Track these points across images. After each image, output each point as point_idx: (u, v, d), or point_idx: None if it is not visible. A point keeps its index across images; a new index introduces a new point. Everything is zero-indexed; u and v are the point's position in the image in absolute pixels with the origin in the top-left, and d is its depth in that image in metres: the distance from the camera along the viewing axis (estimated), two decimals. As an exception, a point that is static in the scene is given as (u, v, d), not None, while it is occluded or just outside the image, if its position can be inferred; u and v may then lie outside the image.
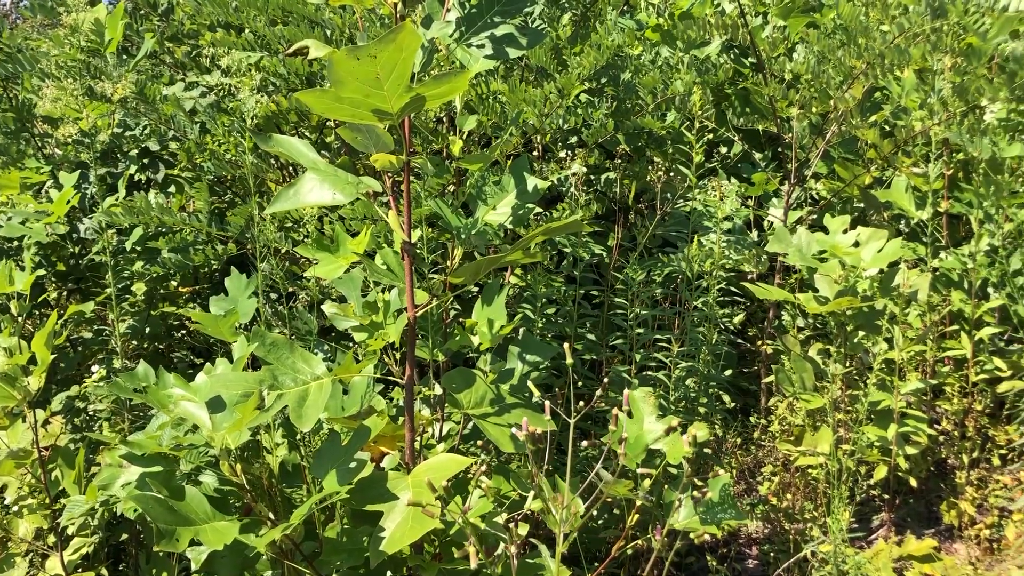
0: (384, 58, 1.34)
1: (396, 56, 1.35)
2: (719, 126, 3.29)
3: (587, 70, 2.33)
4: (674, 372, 2.07)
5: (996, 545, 2.29)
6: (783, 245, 2.41)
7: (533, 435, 1.58)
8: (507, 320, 1.90)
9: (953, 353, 2.48)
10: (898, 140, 2.61)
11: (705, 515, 1.62)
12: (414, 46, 1.35)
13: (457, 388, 1.79)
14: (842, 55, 2.52)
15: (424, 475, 1.56)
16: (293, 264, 2.61)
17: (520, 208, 2.00)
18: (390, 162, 1.60)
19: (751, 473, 2.67)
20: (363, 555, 1.62)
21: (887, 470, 2.32)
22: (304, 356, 1.66)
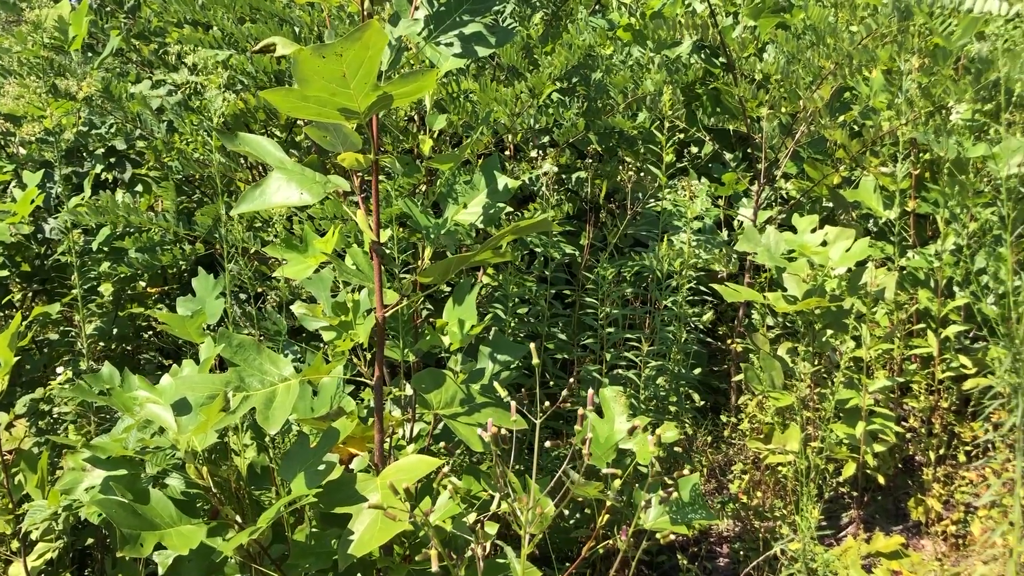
0: (350, 57, 1.33)
1: (362, 54, 1.34)
2: (690, 126, 3.30)
3: (558, 69, 2.33)
4: (644, 371, 2.07)
5: (962, 541, 2.31)
6: (752, 244, 2.42)
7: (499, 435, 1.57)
8: (478, 320, 1.89)
9: (920, 351, 2.51)
10: (866, 140, 2.64)
11: (675, 514, 1.62)
12: (380, 44, 1.34)
13: (427, 388, 1.78)
14: (811, 55, 2.53)
15: (393, 477, 1.55)
16: (263, 264, 2.58)
17: (491, 207, 1.99)
18: (358, 161, 1.59)
19: (722, 471, 2.68)
20: (332, 558, 1.61)
21: (856, 467, 2.34)
22: (271, 357, 1.64)
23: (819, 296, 2.28)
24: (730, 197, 3.25)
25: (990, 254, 2.58)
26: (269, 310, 2.40)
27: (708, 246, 2.87)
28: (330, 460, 1.60)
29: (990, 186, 2.58)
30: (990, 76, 2.37)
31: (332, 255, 1.92)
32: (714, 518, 1.60)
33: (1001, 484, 2.24)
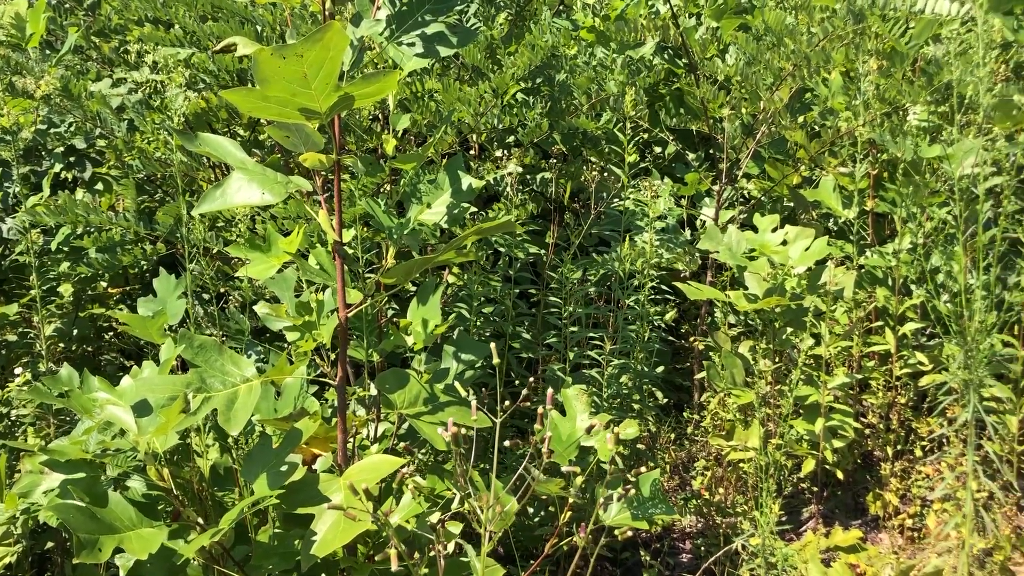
0: (311, 57, 1.33)
1: (323, 55, 1.34)
2: (653, 126, 3.33)
3: (521, 70, 2.34)
4: (607, 370, 2.09)
5: (918, 534, 2.36)
6: (714, 243, 2.45)
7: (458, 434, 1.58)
8: (442, 319, 1.89)
9: (878, 348, 2.55)
10: (825, 141, 2.68)
11: (636, 510, 1.64)
12: (342, 45, 1.34)
13: (391, 388, 1.78)
14: (769, 57, 2.57)
15: (356, 477, 1.55)
16: (226, 264, 2.56)
17: (455, 207, 2.00)
18: (320, 161, 1.59)
19: (685, 468, 2.71)
20: (295, 558, 1.61)
21: (815, 463, 2.37)
22: (233, 358, 1.64)
23: (779, 295, 2.32)
24: (693, 197, 3.29)
25: (945, 253, 2.64)
26: (232, 310, 2.39)
27: (671, 245, 2.90)
28: (292, 461, 1.60)
29: (945, 186, 2.64)
30: (943, 78, 2.42)
31: (295, 255, 1.91)
32: (674, 513, 1.62)
33: (955, 478, 2.29)
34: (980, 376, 2.34)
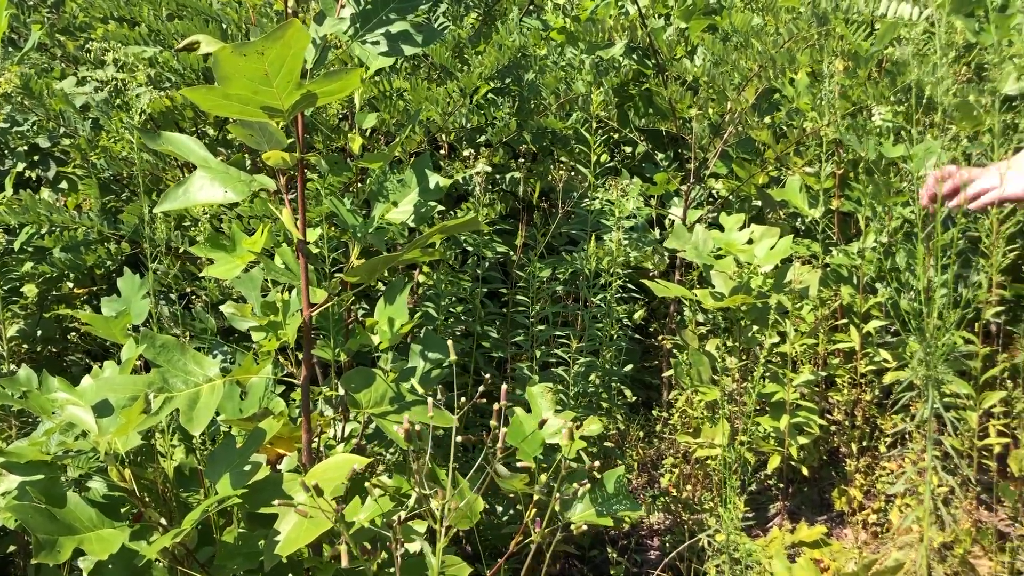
0: (272, 55, 1.33)
1: (284, 53, 1.33)
2: (622, 127, 3.34)
3: (489, 69, 2.34)
4: (573, 367, 2.10)
5: (882, 529, 2.39)
6: (681, 242, 2.47)
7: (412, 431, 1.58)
8: (409, 319, 1.89)
9: (843, 346, 2.58)
10: (790, 140, 2.71)
11: (601, 507, 1.65)
12: (303, 43, 1.33)
13: (356, 388, 1.78)
14: (735, 58, 2.59)
15: (320, 476, 1.55)
16: (192, 264, 2.55)
17: (423, 206, 2.00)
18: (283, 159, 1.58)
19: (654, 465, 2.73)
20: (259, 559, 1.60)
21: (781, 460, 2.40)
22: (196, 358, 1.63)
23: (745, 293, 2.34)
24: (662, 197, 3.31)
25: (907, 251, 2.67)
26: (199, 310, 2.37)
27: (639, 244, 2.92)
28: (256, 460, 1.59)
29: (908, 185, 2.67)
30: (906, 79, 2.45)
31: (261, 254, 1.90)
32: (639, 510, 1.63)
33: (916, 473, 2.32)
34: (940, 372, 2.38)
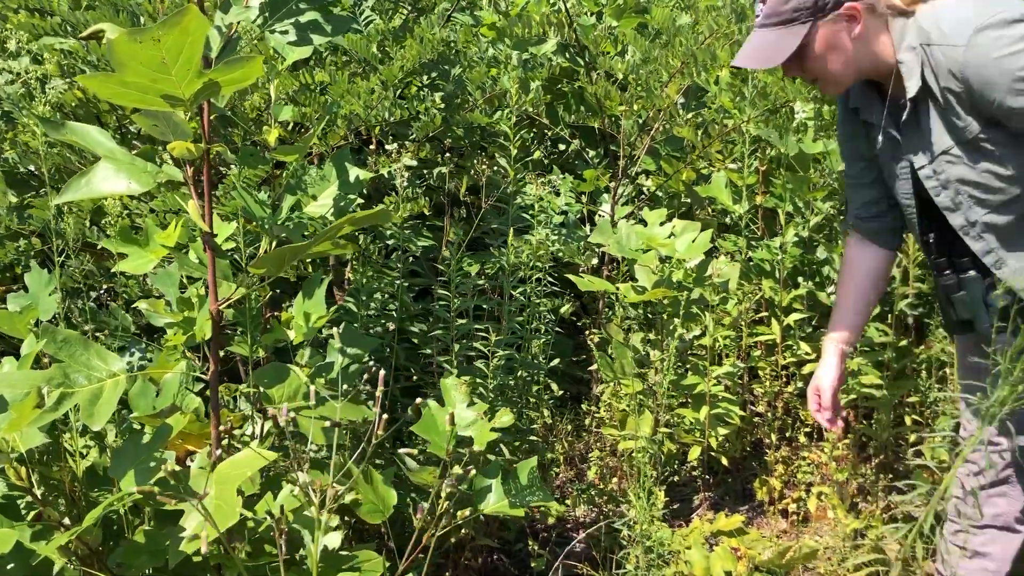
0: (169, 42, 1.30)
1: (182, 40, 1.31)
2: (553, 124, 3.36)
3: (411, 62, 2.33)
4: (492, 361, 2.10)
5: (799, 517, 2.44)
6: (605, 237, 2.49)
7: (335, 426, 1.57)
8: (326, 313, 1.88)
9: (764, 338, 2.62)
10: (713, 136, 2.74)
11: (514, 498, 1.65)
12: (201, 30, 1.31)
13: (270, 383, 1.76)
14: (658, 55, 2.62)
15: (228, 472, 1.53)
16: (110, 260, 2.49)
17: (342, 199, 1.99)
18: (188, 150, 1.55)
19: (582, 459, 2.75)
20: (166, 556, 1.57)
21: (701, 450, 2.43)
22: (100, 353, 1.59)
23: (666, 287, 2.36)
24: (593, 193, 3.33)
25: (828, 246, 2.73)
26: (114, 307, 2.32)
27: (569, 240, 2.93)
28: (162, 456, 1.56)
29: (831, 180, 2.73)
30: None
31: (174, 249, 1.87)
32: (551, 500, 1.64)
33: (833, 462, 2.38)
34: (857, 364, 2.43)
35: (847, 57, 1.63)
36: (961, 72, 1.51)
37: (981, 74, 1.49)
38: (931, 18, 1.55)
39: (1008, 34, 1.46)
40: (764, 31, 1.63)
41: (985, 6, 1.50)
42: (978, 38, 1.48)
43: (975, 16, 1.49)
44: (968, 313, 1.72)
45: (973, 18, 1.49)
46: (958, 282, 1.72)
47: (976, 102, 1.52)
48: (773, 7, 1.61)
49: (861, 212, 1.88)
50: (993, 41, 1.47)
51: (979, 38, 1.48)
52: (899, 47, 1.60)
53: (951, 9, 1.54)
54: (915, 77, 1.58)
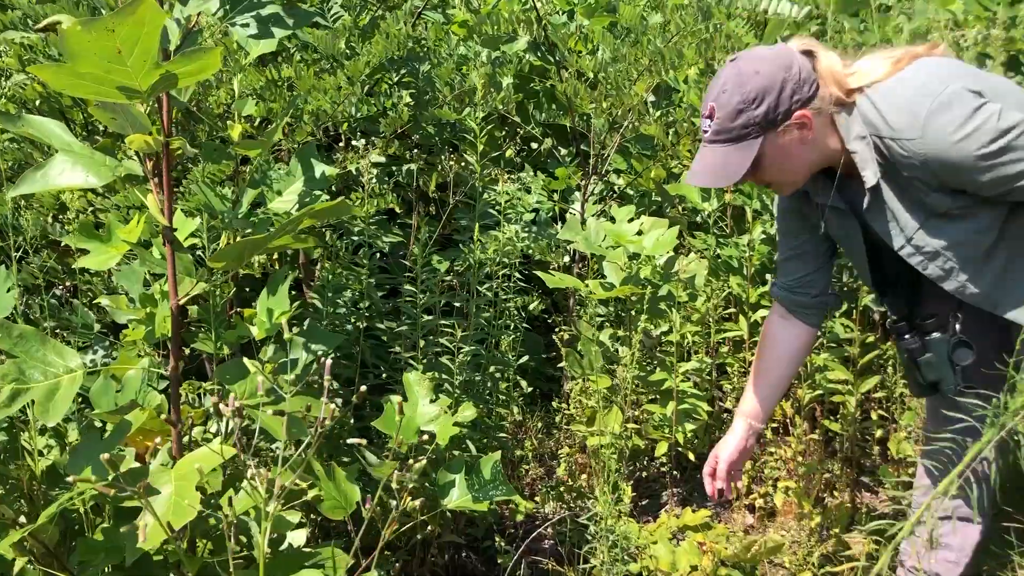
0: (123, 32, 1.29)
1: (137, 30, 1.29)
2: (524, 122, 3.36)
3: (376, 58, 2.32)
4: (458, 357, 2.10)
5: (765, 512, 2.45)
6: (573, 234, 2.49)
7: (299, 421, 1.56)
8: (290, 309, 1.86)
9: (732, 334, 2.64)
10: (681, 135, 2.75)
11: (477, 494, 1.65)
12: (157, 21, 1.30)
13: (231, 379, 1.75)
14: (626, 53, 2.63)
15: (187, 468, 1.51)
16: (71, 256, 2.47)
17: (308, 195, 1.97)
18: (147, 143, 1.54)
19: (552, 456, 2.75)
20: (123, 554, 1.55)
21: (668, 446, 2.44)
22: (57, 348, 1.57)
23: (635, 283, 2.37)
24: (565, 191, 3.34)
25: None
26: (76, 305, 2.30)
27: (539, 237, 2.94)
28: (120, 453, 1.55)
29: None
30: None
31: (137, 245, 1.85)
32: (514, 495, 1.64)
33: (799, 456, 2.39)
34: (823, 359, 2.45)
35: (800, 161, 1.62)
36: (923, 163, 1.50)
37: (945, 161, 1.48)
38: (872, 109, 1.55)
39: (956, 116, 1.45)
40: (715, 147, 1.60)
41: (920, 88, 1.50)
42: (929, 129, 1.47)
43: (915, 102, 1.49)
44: (935, 375, 1.72)
45: (915, 106, 1.48)
46: (923, 344, 1.72)
47: (944, 182, 1.52)
48: (722, 124, 1.57)
49: (793, 285, 1.86)
50: (944, 127, 1.46)
51: (930, 129, 1.47)
52: (847, 138, 1.59)
53: (888, 97, 1.53)
54: (870, 168, 1.58)
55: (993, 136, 1.43)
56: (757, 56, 1.58)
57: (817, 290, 1.86)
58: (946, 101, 1.46)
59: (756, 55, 1.59)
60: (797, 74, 1.55)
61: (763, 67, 1.55)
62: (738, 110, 1.55)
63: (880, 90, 1.55)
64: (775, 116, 1.55)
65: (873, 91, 1.56)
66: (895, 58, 1.57)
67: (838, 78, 1.58)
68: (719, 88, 1.58)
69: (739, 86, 1.55)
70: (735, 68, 1.58)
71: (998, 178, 1.46)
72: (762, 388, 1.90)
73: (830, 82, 1.58)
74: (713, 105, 1.58)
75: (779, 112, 1.55)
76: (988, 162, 1.45)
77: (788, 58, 1.57)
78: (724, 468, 1.90)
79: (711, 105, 1.58)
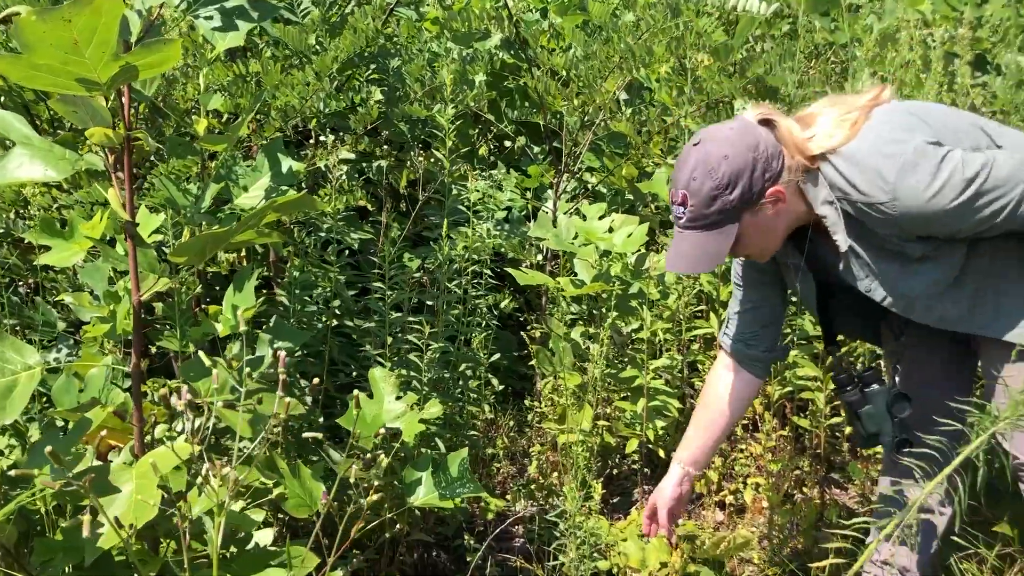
0: (81, 23, 1.27)
1: (95, 21, 1.27)
2: (497, 119, 3.35)
3: (345, 52, 2.31)
4: (427, 354, 2.09)
5: (735, 508, 2.46)
6: (544, 231, 2.49)
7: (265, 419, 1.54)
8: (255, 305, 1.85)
9: (703, 332, 2.64)
10: (651, 132, 2.76)
11: (444, 491, 1.64)
12: (116, 11, 1.28)
13: (195, 377, 1.72)
14: (596, 50, 2.63)
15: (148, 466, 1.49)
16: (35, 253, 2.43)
17: (275, 191, 1.96)
18: (107, 136, 1.51)
19: (524, 454, 2.74)
20: (83, 553, 1.53)
21: (638, 443, 2.44)
22: (15, 345, 1.54)
23: (605, 280, 2.37)
24: (538, 189, 3.33)
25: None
26: (40, 301, 2.27)
27: (511, 235, 2.93)
28: (80, 451, 1.52)
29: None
30: (755, 71, 2.53)
31: (99, 241, 1.83)
32: (481, 491, 1.63)
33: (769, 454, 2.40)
34: (793, 356, 2.46)
35: (776, 233, 1.64)
36: (899, 221, 1.52)
37: (921, 216, 1.51)
38: (837, 175, 1.56)
39: (924, 174, 1.48)
40: (691, 233, 1.59)
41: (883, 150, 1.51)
42: (901, 191, 1.49)
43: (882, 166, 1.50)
44: (875, 426, 1.75)
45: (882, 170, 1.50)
46: (863, 396, 1.76)
47: (921, 235, 1.55)
48: (697, 211, 1.56)
49: (748, 338, 1.88)
50: (916, 187, 1.48)
51: (902, 190, 1.49)
52: (815, 203, 1.60)
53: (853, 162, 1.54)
54: (841, 233, 1.60)
55: (963, 187, 1.48)
56: (722, 138, 1.56)
57: (769, 344, 1.89)
58: (912, 160, 1.49)
59: (720, 137, 1.57)
60: (765, 151, 1.55)
61: (730, 150, 1.54)
62: (712, 196, 1.54)
63: (843, 155, 1.56)
64: (750, 197, 1.55)
65: (835, 156, 1.56)
66: (851, 120, 1.57)
67: (800, 146, 1.58)
68: (688, 175, 1.56)
69: (709, 172, 1.54)
70: (701, 153, 1.56)
71: (975, 221, 1.51)
72: (703, 438, 1.93)
73: (793, 151, 1.58)
74: (684, 193, 1.56)
75: (753, 193, 1.55)
76: (964, 210, 1.49)
77: (753, 136, 1.56)
78: (664, 516, 1.93)
79: (682, 193, 1.57)
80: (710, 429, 1.92)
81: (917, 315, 1.66)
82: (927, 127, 1.55)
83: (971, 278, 1.61)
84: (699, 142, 1.58)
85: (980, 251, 1.60)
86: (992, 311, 1.62)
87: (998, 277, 1.61)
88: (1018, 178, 1.50)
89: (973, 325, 1.64)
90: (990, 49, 2.59)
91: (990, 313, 1.62)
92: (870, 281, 1.64)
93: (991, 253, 1.60)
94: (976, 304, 1.62)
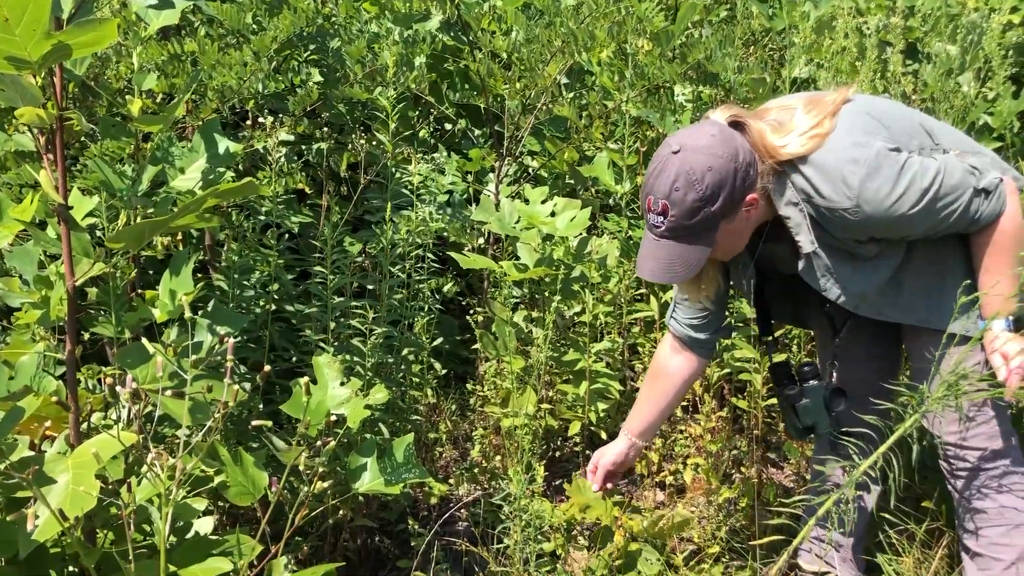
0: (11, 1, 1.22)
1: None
2: (439, 102, 3.33)
3: (284, 32, 2.27)
4: (370, 339, 2.07)
5: (675, 489, 2.50)
6: (486, 215, 2.49)
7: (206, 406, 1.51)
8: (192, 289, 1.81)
9: (644, 315, 2.68)
10: (593, 116, 2.77)
11: (390, 476, 1.63)
12: (47, -12, 1.24)
13: (132, 364, 1.69)
14: (540, 34, 2.63)
15: (85, 456, 1.45)
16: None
17: (211, 172, 1.92)
18: (38, 116, 1.47)
19: (467, 438, 2.75)
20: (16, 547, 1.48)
21: (581, 426, 2.46)
22: (-58, 333, 1.49)
23: (548, 264, 2.38)
24: (479, 173, 3.33)
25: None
26: (-35, 287, 2.18)
27: (453, 219, 2.92)
28: (12, 441, 1.48)
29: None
30: (695, 57, 2.56)
31: (30, 224, 1.77)
32: (427, 477, 1.63)
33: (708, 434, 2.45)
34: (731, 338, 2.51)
35: (745, 234, 1.69)
36: (860, 225, 1.58)
37: (881, 223, 1.58)
38: (803, 180, 1.60)
39: (885, 180, 1.54)
40: (668, 243, 1.60)
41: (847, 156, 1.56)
42: (863, 196, 1.54)
43: (846, 171, 1.55)
44: (810, 420, 1.82)
45: (847, 176, 1.55)
46: (801, 391, 1.82)
47: (876, 237, 1.62)
48: (678, 222, 1.56)
49: (695, 324, 1.92)
50: (878, 192, 1.54)
51: (864, 195, 1.54)
52: (778, 204, 1.64)
53: (819, 169, 1.58)
54: (804, 234, 1.64)
55: (921, 194, 1.55)
56: (703, 147, 1.56)
57: (715, 327, 1.93)
58: (875, 166, 1.55)
59: (702, 146, 1.57)
60: (744, 160, 1.58)
61: (714, 162, 1.55)
62: (694, 208, 1.55)
63: (812, 163, 1.59)
64: (730, 206, 1.58)
65: (804, 163, 1.60)
66: (822, 132, 1.60)
67: (771, 151, 1.61)
68: (669, 184, 1.56)
69: (692, 184, 1.54)
70: (683, 162, 1.55)
71: (929, 225, 1.60)
72: (650, 413, 1.99)
73: (764, 155, 1.61)
74: (665, 203, 1.56)
75: (733, 201, 1.58)
76: (921, 215, 1.57)
77: (733, 146, 1.57)
78: (601, 474, 2.01)
79: (663, 202, 1.56)
80: (658, 403, 1.98)
81: (864, 310, 1.73)
82: (886, 131, 1.61)
83: (911, 275, 1.69)
84: (679, 150, 1.57)
85: (920, 249, 1.68)
86: (931, 304, 1.71)
87: (936, 274, 1.70)
88: (966, 184, 1.58)
89: (912, 317, 1.72)
90: (921, 38, 2.66)
91: (929, 306, 1.71)
92: (826, 281, 1.69)
93: (930, 251, 1.69)
94: (916, 298, 1.71)
